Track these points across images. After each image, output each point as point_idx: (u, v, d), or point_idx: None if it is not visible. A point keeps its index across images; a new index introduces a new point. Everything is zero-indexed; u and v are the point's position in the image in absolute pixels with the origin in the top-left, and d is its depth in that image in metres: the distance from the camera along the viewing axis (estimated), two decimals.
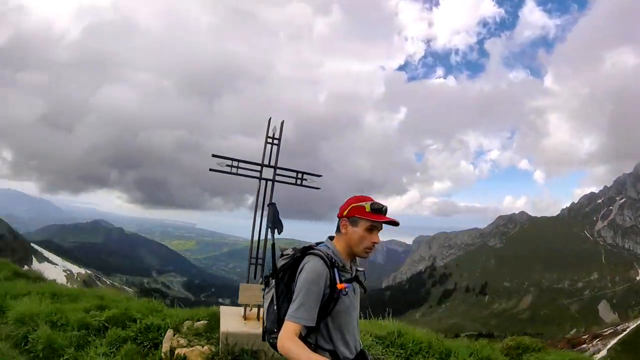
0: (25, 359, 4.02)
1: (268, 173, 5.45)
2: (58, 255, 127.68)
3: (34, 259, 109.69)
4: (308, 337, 2.01)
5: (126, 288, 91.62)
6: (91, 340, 4.44)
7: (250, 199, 5.95)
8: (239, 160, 5.29)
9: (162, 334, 4.65)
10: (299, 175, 5.53)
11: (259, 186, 5.36)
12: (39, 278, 7.93)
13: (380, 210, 2.17)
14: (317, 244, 2.25)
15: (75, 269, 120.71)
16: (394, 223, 2.20)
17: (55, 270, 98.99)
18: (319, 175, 5.56)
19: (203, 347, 4.40)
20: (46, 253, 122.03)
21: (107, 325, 4.78)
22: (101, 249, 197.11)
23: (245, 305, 5.09)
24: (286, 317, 1.92)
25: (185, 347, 4.36)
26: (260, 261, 5.28)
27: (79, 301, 5.75)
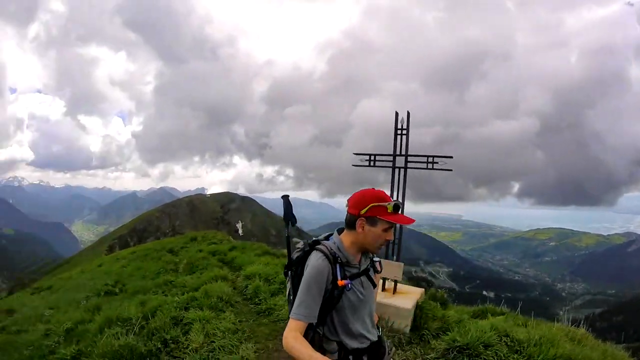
0: (241, 299, 6.21)
1: (401, 162, 5.93)
2: None
3: None
4: (317, 327, 2.07)
5: None
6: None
7: (516, 186, 6.39)
8: (375, 155, 6.05)
9: None
10: (430, 160, 5.69)
11: (392, 175, 5.92)
12: (283, 255, 11.02)
13: (399, 209, 2.11)
14: (326, 237, 2.25)
15: None
16: (409, 222, 2.18)
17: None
18: (449, 157, 5.49)
19: None
20: None
21: None
22: None
23: (384, 279, 5.73)
24: (290, 314, 2.01)
25: None
26: (396, 241, 5.82)
27: None
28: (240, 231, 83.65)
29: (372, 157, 6.01)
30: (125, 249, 30.23)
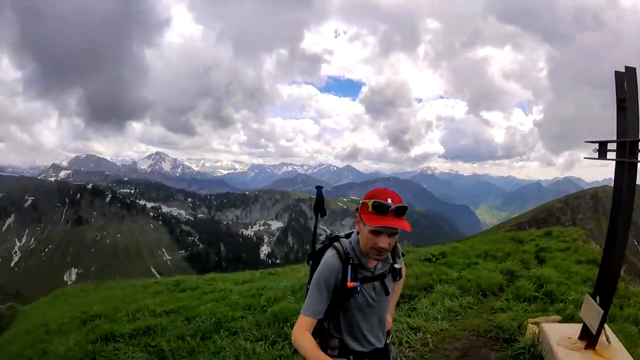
0: None
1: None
2: None
3: None
4: (324, 321, 2.06)
5: None
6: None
7: None
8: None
9: None
10: None
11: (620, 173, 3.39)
12: None
13: (383, 209, 1.85)
14: (347, 235, 2.17)
15: None
16: (394, 229, 1.86)
17: None
18: None
19: None
20: None
21: None
22: None
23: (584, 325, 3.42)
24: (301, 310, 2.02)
25: None
26: None
27: None
28: None
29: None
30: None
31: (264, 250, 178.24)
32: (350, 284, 1.94)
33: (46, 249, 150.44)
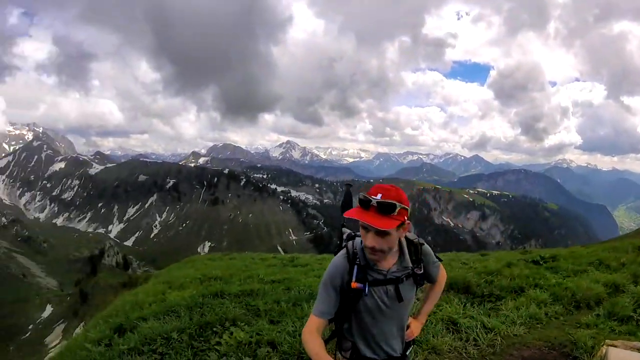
0: None
1: None
2: None
3: None
4: (338, 322, 2.04)
5: None
6: None
7: None
8: None
9: None
10: None
11: None
12: None
13: (365, 203, 1.81)
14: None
15: None
16: (374, 227, 1.75)
17: None
18: None
19: None
20: None
21: None
22: None
23: None
24: None
25: None
26: None
27: None
28: None
29: None
30: None
31: None
32: (354, 285, 1.88)
33: (183, 225, 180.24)
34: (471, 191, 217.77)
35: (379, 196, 1.78)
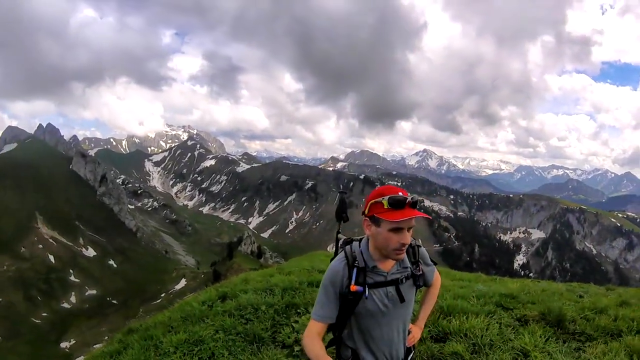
0: None
1: None
2: None
3: None
4: (337, 329, 2.04)
5: None
6: None
7: None
8: None
9: None
10: None
11: None
12: None
13: (401, 204, 1.82)
14: (361, 239, 2.08)
15: None
16: (412, 221, 1.83)
17: None
18: None
19: None
20: None
21: None
22: None
23: None
24: None
25: None
26: None
27: None
28: None
29: None
30: None
31: (519, 259, 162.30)
32: (353, 288, 1.89)
33: (317, 224, 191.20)
34: (620, 215, 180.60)
35: (400, 195, 1.87)
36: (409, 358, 2.18)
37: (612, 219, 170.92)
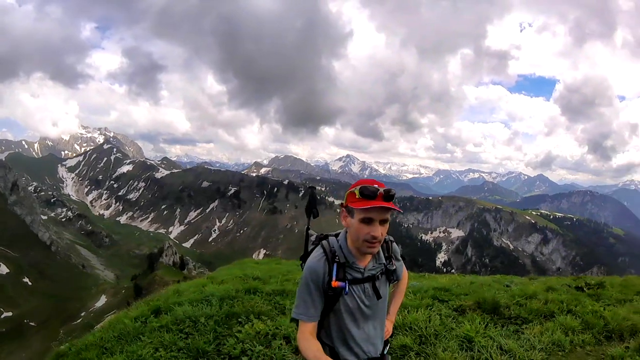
0: None
1: None
2: None
3: None
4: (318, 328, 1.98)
5: None
6: None
7: None
8: None
9: None
10: None
11: None
12: None
13: (372, 193, 1.80)
14: (337, 234, 2.06)
15: None
16: (387, 209, 1.81)
17: None
18: None
19: None
20: None
21: None
22: None
23: None
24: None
25: None
26: None
27: None
28: None
29: None
30: None
31: (441, 257, 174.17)
32: (334, 284, 1.87)
33: (241, 231, 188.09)
34: (534, 212, 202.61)
35: (376, 186, 1.85)
36: (386, 351, 2.19)
37: (527, 217, 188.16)
